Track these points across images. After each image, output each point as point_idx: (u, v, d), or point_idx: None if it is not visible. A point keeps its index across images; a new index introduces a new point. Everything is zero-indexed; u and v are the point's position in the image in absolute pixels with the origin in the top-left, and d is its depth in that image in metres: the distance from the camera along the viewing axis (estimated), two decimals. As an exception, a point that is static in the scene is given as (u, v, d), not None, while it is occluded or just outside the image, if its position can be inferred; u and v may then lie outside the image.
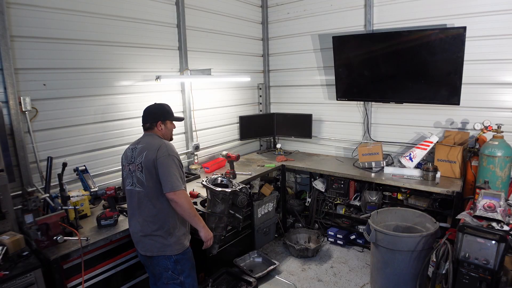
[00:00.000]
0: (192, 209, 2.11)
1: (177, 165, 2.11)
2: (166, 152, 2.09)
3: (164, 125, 2.27)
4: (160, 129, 2.26)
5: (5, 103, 2.36)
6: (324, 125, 4.49)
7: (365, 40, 3.74)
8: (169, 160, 2.08)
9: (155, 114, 2.26)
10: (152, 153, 2.10)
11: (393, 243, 2.68)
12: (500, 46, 3.15)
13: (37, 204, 2.21)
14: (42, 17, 2.53)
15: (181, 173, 2.14)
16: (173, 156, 2.11)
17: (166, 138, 2.29)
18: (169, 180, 2.04)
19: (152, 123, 2.25)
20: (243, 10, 4.40)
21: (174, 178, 2.05)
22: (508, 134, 2.90)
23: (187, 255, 2.24)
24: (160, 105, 2.32)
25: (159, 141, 2.17)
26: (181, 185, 2.07)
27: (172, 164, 2.08)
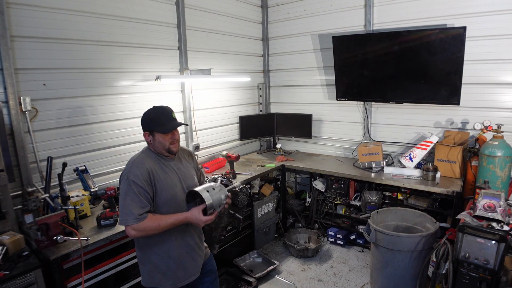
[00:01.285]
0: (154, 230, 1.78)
1: (134, 192, 1.75)
2: (126, 174, 1.80)
3: (152, 137, 1.88)
4: (149, 141, 1.90)
5: (5, 103, 2.35)
6: (324, 125, 4.49)
7: (365, 40, 3.74)
8: (124, 185, 1.78)
9: (142, 122, 1.91)
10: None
11: (393, 243, 2.68)
12: (500, 46, 3.15)
13: (37, 204, 2.21)
14: (42, 17, 2.53)
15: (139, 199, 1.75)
16: (130, 181, 1.76)
17: (160, 152, 1.91)
18: (121, 211, 1.77)
19: (144, 132, 1.91)
20: (243, 10, 4.40)
21: (125, 210, 1.74)
22: (508, 134, 2.90)
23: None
24: (149, 110, 1.91)
25: (133, 157, 1.90)
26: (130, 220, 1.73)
27: (127, 191, 1.76)
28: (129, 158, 3.25)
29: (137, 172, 1.79)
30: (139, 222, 1.74)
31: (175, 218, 1.81)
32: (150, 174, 1.83)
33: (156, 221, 1.78)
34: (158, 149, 1.91)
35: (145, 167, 1.83)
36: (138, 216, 1.74)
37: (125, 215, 1.75)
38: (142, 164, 1.84)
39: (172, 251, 1.92)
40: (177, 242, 1.93)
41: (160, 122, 1.87)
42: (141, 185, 1.78)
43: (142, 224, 1.75)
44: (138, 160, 1.86)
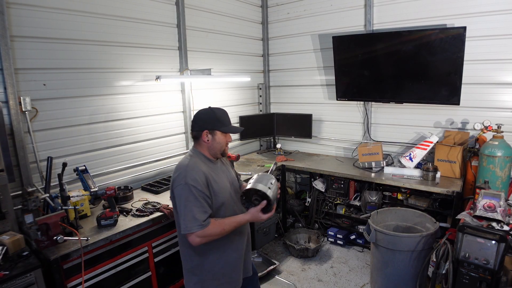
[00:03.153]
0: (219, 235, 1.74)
1: (195, 197, 1.69)
2: (183, 179, 1.70)
3: (212, 135, 1.84)
4: (206, 141, 1.84)
5: (5, 103, 2.35)
6: (324, 125, 4.49)
7: (365, 40, 3.74)
8: (183, 192, 1.69)
9: (202, 120, 1.84)
10: (172, 178, 1.79)
11: (393, 243, 2.68)
12: (500, 46, 3.15)
13: (37, 204, 2.20)
14: (42, 17, 2.53)
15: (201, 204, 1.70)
16: (189, 185, 1.69)
17: (213, 152, 1.87)
18: (183, 219, 1.69)
19: (198, 131, 1.84)
20: (243, 10, 4.40)
21: (189, 217, 1.67)
22: (508, 134, 2.90)
23: None
24: (212, 109, 1.88)
25: (184, 162, 1.80)
26: (193, 227, 1.66)
27: (188, 196, 1.69)
28: (129, 157, 3.30)
29: (195, 176, 1.72)
30: (204, 228, 1.68)
31: (237, 221, 1.77)
32: (206, 177, 1.77)
33: (220, 226, 1.73)
34: (213, 149, 1.87)
35: (201, 171, 1.76)
36: (202, 223, 1.68)
37: (188, 222, 1.67)
38: (197, 167, 1.76)
39: (229, 256, 1.88)
40: (233, 245, 1.89)
41: (224, 122, 1.87)
42: (200, 189, 1.71)
43: (207, 230, 1.68)
44: (192, 164, 1.78)
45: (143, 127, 3.34)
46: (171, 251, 2.83)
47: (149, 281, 2.67)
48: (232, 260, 1.89)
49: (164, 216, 2.63)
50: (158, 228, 2.71)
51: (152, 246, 2.67)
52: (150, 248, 2.66)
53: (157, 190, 3.09)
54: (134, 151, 3.28)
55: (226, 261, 1.87)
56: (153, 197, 3.00)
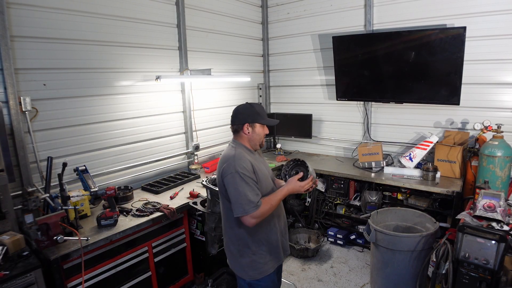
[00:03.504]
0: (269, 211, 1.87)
1: (246, 182, 1.81)
2: (233, 168, 1.83)
3: (252, 128, 1.98)
4: (247, 133, 1.98)
5: (5, 103, 2.36)
6: (324, 125, 4.49)
7: (365, 40, 3.74)
8: (234, 179, 1.81)
9: (243, 114, 1.99)
10: (220, 169, 1.90)
11: (393, 243, 2.68)
12: (500, 46, 3.15)
13: (37, 204, 2.20)
14: (42, 17, 2.53)
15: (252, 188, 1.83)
16: (239, 173, 1.81)
17: (253, 143, 2.01)
18: (239, 203, 1.80)
19: (238, 125, 1.99)
20: (243, 10, 4.40)
21: (244, 200, 1.79)
22: (508, 134, 2.90)
23: (263, 283, 1.98)
24: (250, 104, 2.04)
25: (230, 153, 1.92)
26: (250, 209, 1.78)
27: (239, 182, 1.80)
28: (129, 157, 3.29)
29: (243, 164, 1.85)
30: (258, 208, 1.80)
31: (279, 194, 1.93)
32: (252, 165, 1.90)
33: (268, 202, 1.87)
34: (253, 141, 2.01)
35: (247, 159, 1.90)
36: (257, 204, 1.81)
37: (244, 205, 1.79)
38: (243, 156, 1.90)
39: (271, 236, 2.01)
40: (274, 226, 2.03)
41: (262, 116, 2.02)
42: (249, 176, 1.85)
43: (260, 209, 1.81)
44: (238, 153, 1.91)
45: (143, 127, 3.34)
46: (171, 251, 2.84)
47: (149, 281, 2.67)
48: (274, 240, 2.02)
49: (164, 216, 2.63)
50: (158, 228, 2.71)
51: (152, 246, 2.67)
52: (150, 248, 2.66)
53: (157, 190, 3.09)
54: (134, 151, 3.28)
55: (269, 242, 1.99)
56: (153, 197, 3.00)
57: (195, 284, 3.11)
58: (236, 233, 1.96)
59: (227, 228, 2.01)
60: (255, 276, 1.97)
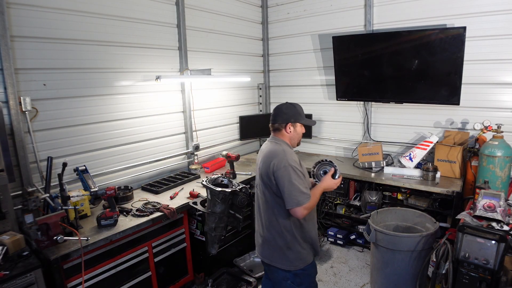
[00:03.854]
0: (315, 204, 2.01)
1: (298, 175, 1.91)
2: (285, 162, 1.91)
3: (294, 127, 2.10)
4: (289, 132, 2.09)
5: (5, 103, 2.35)
6: (324, 125, 4.49)
7: (365, 40, 3.74)
8: (287, 172, 1.89)
9: (286, 114, 2.08)
10: (269, 163, 1.96)
11: (393, 243, 2.68)
12: (500, 46, 3.15)
13: (37, 204, 2.20)
14: (42, 17, 2.53)
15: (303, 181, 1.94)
16: (292, 166, 1.91)
17: (293, 142, 2.13)
18: (293, 195, 1.87)
19: (281, 123, 2.08)
20: (243, 10, 4.40)
21: (297, 192, 1.87)
22: (508, 134, 2.90)
23: (308, 270, 2.10)
24: (292, 104, 2.14)
25: (277, 148, 2.00)
26: (304, 199, 1.88)
27: (292, 175, 1.89)
28: (129, 157, 3.29)
29: (294, 158, 1.98)
30: (310, 200, 1.91)
31: (318, 190, 2.05)
32: (299, 160, 2.05)
33: (313, 196, 1.97)
34: (294, 139, 2.14)
35: (295, 154, 2.05)
36: (308, 196, 1.91)
37: (298, 196, 1.87)
38: (292, 152, 2.04)
39: (311, 230, 2.12)
40: (314, 221, 2.17)
41: (303, 116, 2.17)
42: (300, 170, 1.96)
43: (311, 201, 1.92)
44: (287, 149, 2.03)
45: (143, 127, 3.34)
46: (171, 251, 2.84)
47: (149, 281, 2.67)
48: (315, 233, 2.15)
49: (164, 216, 2.63)
50: (158, 228, 2.71)
51: (152, 246, 2.67)
52: (150, 248, 2.66)
53: (157, 190, 3.09)
54: (134, 151, 3.28)
55: (311, 235, 2.11)
56: (153, 197, 3.00)
57: (195, 284, 3.11)
58: (285, 226, 2.01)
59: (274, 222, 2.04)
60: (300, 266, 2.06)
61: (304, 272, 2.08)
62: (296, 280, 2.07)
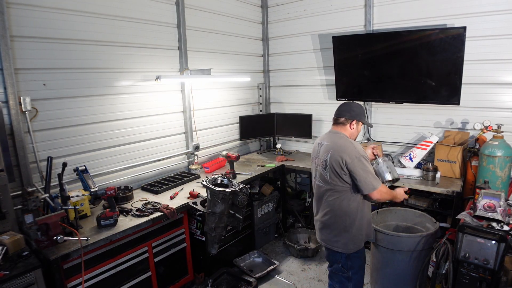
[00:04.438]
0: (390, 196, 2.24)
1: (368, 163, 2.16)
2: (357, 153, 2.13)
3: (357, 125, 2.31)
4: (352, 128, 2.30)
5: (5, 103, 2.35)
6: (324, 125, 4.49)
7: (365, 40, 3.73)
8: (361, 162, 2.12)
9: (355, 112, 2.29)
10: (339, 155, 2.14)
11: (393, 243, 2.68)
12: (500, 46, 3.14)
13: (37, 204, 2.20)
14: (42, 17, 2.53)
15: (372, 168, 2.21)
16: (363, 157, 2.14)
17: (353, 138, 2.33)
18: (368, 182, 2.11)
19: (347, 119, 2.28)
20: (243, 10, 4.40)
21: (372, 178, 2.12)
22: (508, 134, 2.90)
23: (359, 253, 2.30)
24: (359, 104, 2.36)
25: (345, 141, 2.21)
26: (379, 182, 2.15)
27: (365, 164, 2.13)
28: (129, 157, 3.30)
29: (362, 148, 2.22)
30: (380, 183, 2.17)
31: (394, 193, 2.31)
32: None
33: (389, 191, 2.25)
34: (353, 136, 2.34)
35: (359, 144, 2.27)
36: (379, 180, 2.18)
37: (373, 182, 2.12)
38: (357, 143, 2.25)
39: (367, 216, 2.31)
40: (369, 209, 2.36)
41: (366, 117, 2.45)
42: (368, 159, 2.19)
43: (387, 190, 2.21)
44: (355, 142, 2.25)
45: (143, 127, 3.34)
46: (171, 251, 2.84)
47: (149, 281, 2.67)
48: (369, 220, 2.34)
49: (164, 216, 2.63)
50: (158, 228, 2.71)
51: (152, 246, 2.67)
52: (150, 248, 2.66)
53: (157, 190, 3.09)
54: (134, 151, 3.28)
55: (367, 220, 2.30)
56: (153, 197, 3.00)
57: (195, 284, 3.11)
58: (346, 210, 2.20)
59: (335, 207, 2.23)
60: (352, 250, 2.24)
61: (355, 255, 2.27)
62: (347, 263, 2.26)
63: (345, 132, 2.29)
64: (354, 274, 2.30)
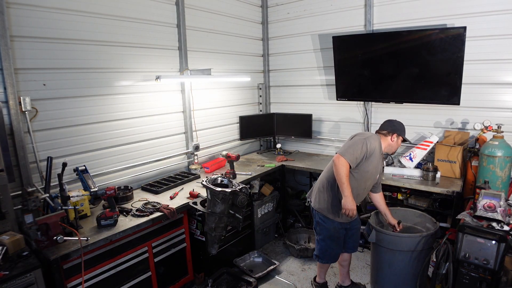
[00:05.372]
0: (343, 177, 2.39)
1: (361, 149, 2.42)
2: (365, 136, 2.51)
3: (396, 139, 2.64)
4: (392, 140, 2.63)
5: (5, 103, 2.35)
6: (324, 125, 4.49)
7: (365, 40, 3.73)
8: (359, 141, 2.45)
9: (395, 127, 2.63)
10: (356, 134, 2.62)
11: (393, 243, 2.67)
12: (500, 46, 3.15)
13: (37, 204, 2.20)
14: (42, 17, 2.53)
15: (361, 156, 2.43)
16: (366, 142, 2.44)
17: (390, 149, 2.67)
18: (344, 147, 2.48)
19: (389, 132, 2.63)
20: (243, 10, 4.40)
21: (349, 149, 2.43)
22: (508, 134, 2.90)
23: (326, 224, 2.62)
24: (401, 123, 2.70)
25: (370, 134, 2.60)
26: (348, 156, 2.40)
27: (359, 144, 2.43)
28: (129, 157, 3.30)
29: (374, 145, 2.52)
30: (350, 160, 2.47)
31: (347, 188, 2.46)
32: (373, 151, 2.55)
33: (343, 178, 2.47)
34: (392, 148, 2.68)
35: (377, 144, 2.58)
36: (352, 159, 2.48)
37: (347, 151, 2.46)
38: (376, 143, 2.55)
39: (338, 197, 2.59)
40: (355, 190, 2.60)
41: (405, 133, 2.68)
42: (368, 151, 2.49)
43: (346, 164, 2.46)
44: (374, 137, 2.57)
45: (143, 127, 3.34)
46: (171, 251, 2.84)
47: (149, 281, 2.67)
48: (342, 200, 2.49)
49: (164, 216, 2.63)
50: (158, 228, 2.71)
51: (152, 246, 2.67)
52: (150, 248, 2.66)
53: (157, 190, 3.09)
54: (134, 151, 3.28)
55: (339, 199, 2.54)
56: (153, 197, 3.00)
57: (195, 284, 3.11)
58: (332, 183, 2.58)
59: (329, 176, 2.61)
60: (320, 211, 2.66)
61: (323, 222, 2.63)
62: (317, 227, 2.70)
63: (384, 142, 2.62)
64: (321, 240, 2.69)
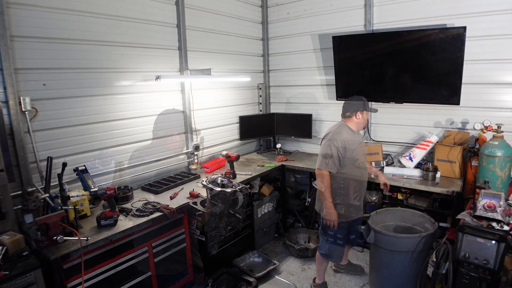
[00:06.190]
0: (322, 187, 2.60)
1: (331, 151, 2.60)
2: (328, 136, 2.64)
3: (362, 114, 2.72)
4: (358, 118, 2.72)
5: (5, 103, 2.35)
6: (324, 125, 4.48)
7: (365, 40, 3.73)
8: (326, 146, 2.62)
9: (354, 105, 2.70)
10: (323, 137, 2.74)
11: (392, 244, 2.67)
12: (500, 46, 3.14)
13: (37, 204, 2.20)
14: (42, 17, 2.53)
15: (336, 156, 2.61)
16: (332, 142, 2.59)
17: (360, 126, 2.77)
18: (319, 158, 2.66)
19: (352, 112, 2.71)
20: (243, 10, 4.40)
21: (323, 160, 2.61)
22: (508, 134, 2.90)
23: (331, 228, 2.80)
24: (359, 97, 2.77)
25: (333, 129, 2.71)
26: (324, 166, 2.61)
27: (327, 148, 2.62)
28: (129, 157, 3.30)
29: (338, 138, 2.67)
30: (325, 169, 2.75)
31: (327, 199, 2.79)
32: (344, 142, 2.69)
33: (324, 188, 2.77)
34: (362, 124, 2.78)
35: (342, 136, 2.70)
36: (327, 166, 2.72)
37: (320, 161, 2.70)
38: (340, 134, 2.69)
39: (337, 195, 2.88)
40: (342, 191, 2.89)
41: (368, 105, 2.78)
42: (341, 148, 2.67)
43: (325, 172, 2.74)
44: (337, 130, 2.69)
45: (143, 127, 3.34)
46: (171, 251, 2.84)
47: (149, 281, 2.67)
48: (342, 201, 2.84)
49: (164, 216, 2.63)
50: (158, 228, 2.71)
51: (152, 246, 2.67)
52: (150, 248, 2.66)
53: (157, 190, 3.09)
54: (134, 151, 3.28)
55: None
56: (153, 197, 3.00)
57: (195, 284, 3.11)
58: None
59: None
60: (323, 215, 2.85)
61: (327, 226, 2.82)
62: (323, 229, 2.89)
63: (348, 123, 2.72)
64: (330, 241, 2.84)
